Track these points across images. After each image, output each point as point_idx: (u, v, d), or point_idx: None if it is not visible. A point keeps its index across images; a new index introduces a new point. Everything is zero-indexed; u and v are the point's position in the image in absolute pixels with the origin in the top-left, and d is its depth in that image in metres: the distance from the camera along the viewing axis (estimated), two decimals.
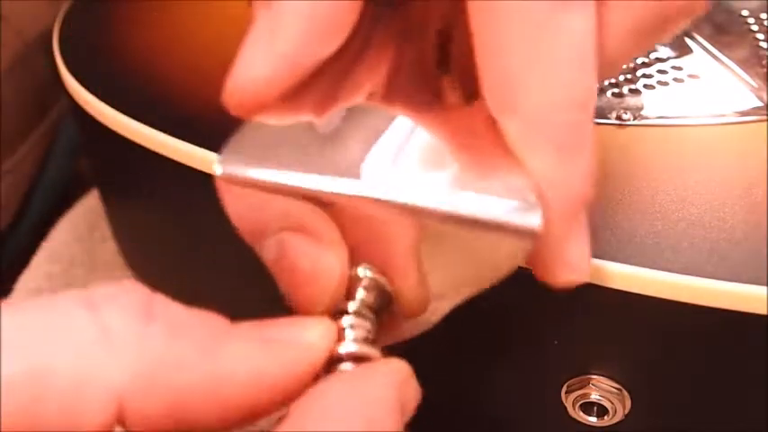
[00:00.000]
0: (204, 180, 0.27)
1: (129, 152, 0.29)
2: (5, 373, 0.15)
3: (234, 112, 0.19)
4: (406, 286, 0.19)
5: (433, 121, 0.20)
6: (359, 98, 0.20)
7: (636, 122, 0.27)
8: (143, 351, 0.16)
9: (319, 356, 0.17)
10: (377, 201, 0.18)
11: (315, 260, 0.18)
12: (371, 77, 0.21)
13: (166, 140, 0.27)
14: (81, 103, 0.30)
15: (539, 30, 0.17)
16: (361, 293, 0.19)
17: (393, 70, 0.21)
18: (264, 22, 0.19)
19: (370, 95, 0.20)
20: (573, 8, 0.17)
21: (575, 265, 0.19)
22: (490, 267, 0.18)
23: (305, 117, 0.19)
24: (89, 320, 0.16)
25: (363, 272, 0.19)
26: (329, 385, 0.17)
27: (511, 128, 0.18)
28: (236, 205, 0.19)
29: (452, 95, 0.21)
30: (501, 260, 0.18)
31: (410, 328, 0.20)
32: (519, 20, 0.17)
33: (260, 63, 0.18)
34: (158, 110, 0.29)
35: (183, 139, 0.27)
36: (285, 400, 0.17)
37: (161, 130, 0.28)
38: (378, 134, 0.19)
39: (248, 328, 0.17)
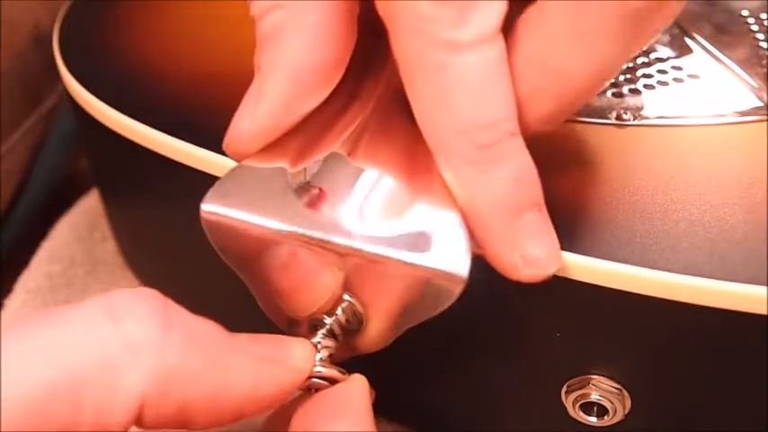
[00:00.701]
0: (204, 180, 0.27)
1: (128, 152, 0.29)
2: (48, 380, 0.17)
3: (231, 158, 0.23)
4: (377, 323, 0.23)
5: (395, 165, 0.23)
6: (335, 147, 0.23)
7: (636, 122, 0.27)
8: (162, 359, 0.18)
9: (303, 377, 0.21)
10: (328, 242, 0.21)
11: (317, 273, 0.22)
12: (350, 128, 0.24)
13: (166, 140, 0.27)
14: (81, 103, 0.30)
15: (435, 72, 0.20)
16: (339, 312, 0.22)
17: (368, 119, 0.24)
18: (255, 83, 0.22)
19: (345, 141, 0.23)
20: (464, 48, 0.20)
21: (534, 260, 0.21)
22: (426, 306, 0.21)
23: (285, 163, 0.22)
24: (113, 332, 0.18)
25: (346, 296, 0.22)
26: (326, 413, 0.21)
27: (438, 159, 0.21)
28: (219, 236, 0.22)
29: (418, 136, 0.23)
30: (436, 301, 0.21)
31: (363, 350, 0.23)
32: (418, 67, 0.20)
33: (248, 119, 0.22)
34: (158, 110, 0.29)
35: (183, 139, 0.27)
36: (268, 408, 0.20)
37: (161, 129, 0.28)
38: (344, 186, 0.22)
39: (246, 343, 0.20)
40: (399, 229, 0.21)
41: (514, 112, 0.20)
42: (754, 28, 0.33)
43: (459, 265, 0.20)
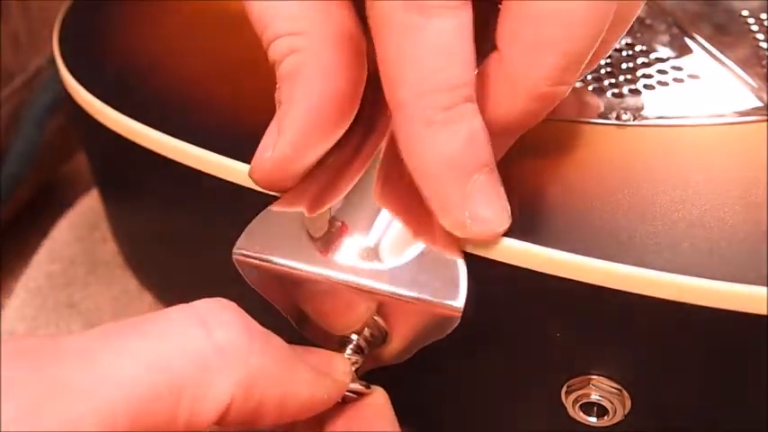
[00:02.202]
0: (204, 180, 0.27)
1: (128, 152, 0.29)
2: (152, 384, 0.18)
3: (258, 185, 0.25)
4: (397, 343, 0.24)
5: (402, 205, 0.24)
6: (352, 185, 0.25)
7: (636, 123, 0.27)
8: (248, 364, 0.19)
9: (344, 390, 0.23)
10: (348, 283, 0.23)
11: (353, 302, 0.23)
12: (360, 174, 0.25)
13: (167, 141, 0.27)
14: (81, 102, 0.30)
15: (409, 33, 0.21)
16: (366, 331, 0.24)
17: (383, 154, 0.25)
18: (276, 117, 0.24)
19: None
20: (433, 11, 0.21)
21: (482, 219, 0.22)
22: (435, 331, 0.23)
23: (303, 209, 0.24)
24: (205, 339, 0.19)
25: (374, 316, 0.24)
26: (372, 423, 0.23)
27: (395, 118, 0.22)
28: (251, 274, 0.24)
29: None
30: (441, 327, 0.23)
31: (382, 363, 0.25)
32: (392, 27, 0.21)
33: (270, 150, 0.24)
34: (158, 110, 0.29)
35: (183, 139, 0.27)
36: (313, 414, 0.22)
37: (161, 130, 0.28)
38: (365, 223, 0.24)
39: (303, 354, 0.22)
40: (409, 267, 0.23)
41: (473, 78, 0.22)
42: (754, 28, 0.33)
43: (457, 298, 0.22)
